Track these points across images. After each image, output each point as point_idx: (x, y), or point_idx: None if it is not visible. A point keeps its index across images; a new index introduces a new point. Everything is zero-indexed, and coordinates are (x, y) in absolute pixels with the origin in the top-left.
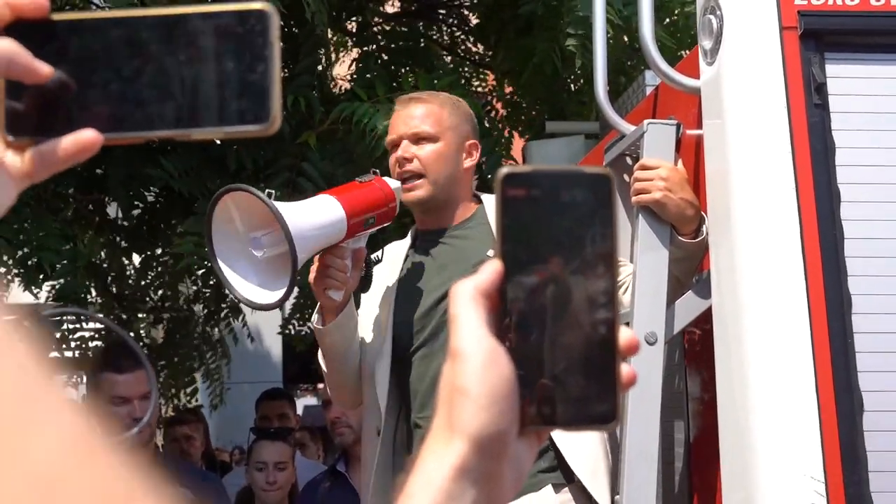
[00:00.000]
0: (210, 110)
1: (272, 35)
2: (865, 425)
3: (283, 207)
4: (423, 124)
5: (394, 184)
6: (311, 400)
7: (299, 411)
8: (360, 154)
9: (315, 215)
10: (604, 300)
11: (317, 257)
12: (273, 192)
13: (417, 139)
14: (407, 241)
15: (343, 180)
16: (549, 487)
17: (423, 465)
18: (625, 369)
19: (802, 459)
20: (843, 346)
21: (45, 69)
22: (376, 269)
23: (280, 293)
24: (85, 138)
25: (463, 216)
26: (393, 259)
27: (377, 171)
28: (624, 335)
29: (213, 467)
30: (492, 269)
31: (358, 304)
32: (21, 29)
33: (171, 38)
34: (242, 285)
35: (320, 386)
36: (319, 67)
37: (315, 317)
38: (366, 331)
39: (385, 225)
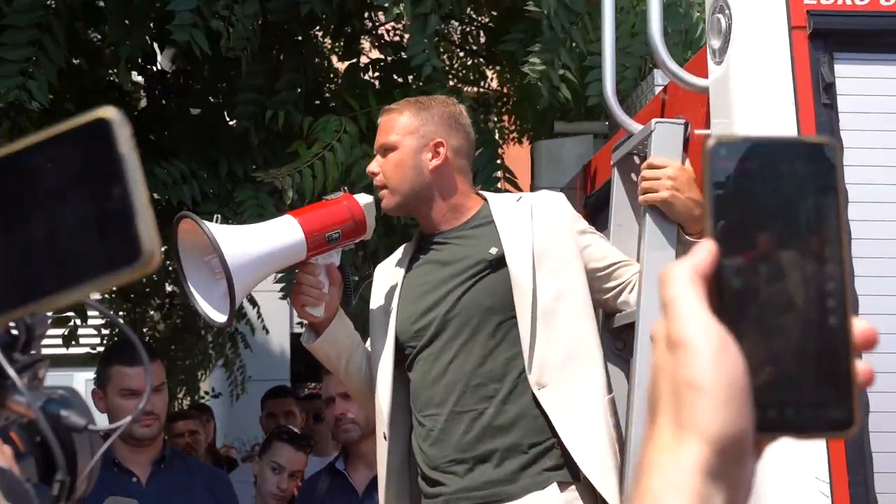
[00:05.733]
0: (72, 266)
1: (122, 146)
2: (871, 426)
3: (228, 232)
4: (388, 136)
5: (363, 199)
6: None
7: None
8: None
9: (264, 238)
10: (832, 286)
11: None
12: (219, 215)
13: (384, 151)
14: (411, 245)
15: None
16: (555, 485)
17: (658, 466)
18: (861, 366)
19: (807, 460)
20: None
21: None
22: (383, 276)
23: (225, 315)
24: None
25: (460, 217)
26: (398, 265)
27: (346, 187)
28: (859, 326)
29: (219, 464)
30: (706, 249)
31: (362, 317)
32: None
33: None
34: (204, 300)
35: None
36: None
37: (304, 334)
38: (373, 338)
39: (359, 239)
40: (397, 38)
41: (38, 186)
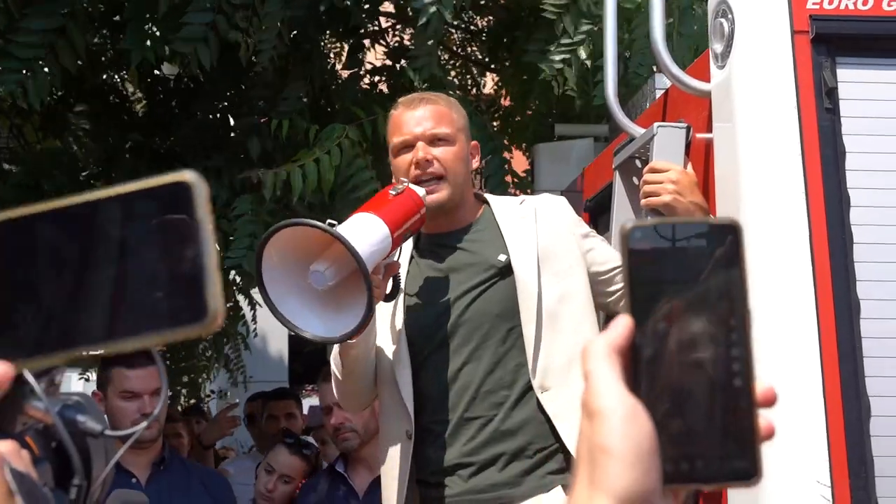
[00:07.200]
0: (138, 316)
1: (201, 211)
2: (872, 430)
3: (351, 232)
4: (440, 126)
5: (420, 191)
6: (316, 401)
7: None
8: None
9: (368, 237)
10: (738, 352)
11: None
12: (334, 222)
13: (434, 140)
14: (409, 243)
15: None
16: (559, 489)
17: None
18: (763, 421)
19: (809, 464)
20: (850, 350)
21: None
22: None
23: (356, 320)
24: None
25: (469, 218)
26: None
27: (405, 179)
28: (760, 385)
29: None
30: (623, 324)
31: None
32: None
33: (80, 234)
34: (304, 323)
35: None
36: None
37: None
38: (379, 336)
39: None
40: (398, 41)
41: (115, 237)
